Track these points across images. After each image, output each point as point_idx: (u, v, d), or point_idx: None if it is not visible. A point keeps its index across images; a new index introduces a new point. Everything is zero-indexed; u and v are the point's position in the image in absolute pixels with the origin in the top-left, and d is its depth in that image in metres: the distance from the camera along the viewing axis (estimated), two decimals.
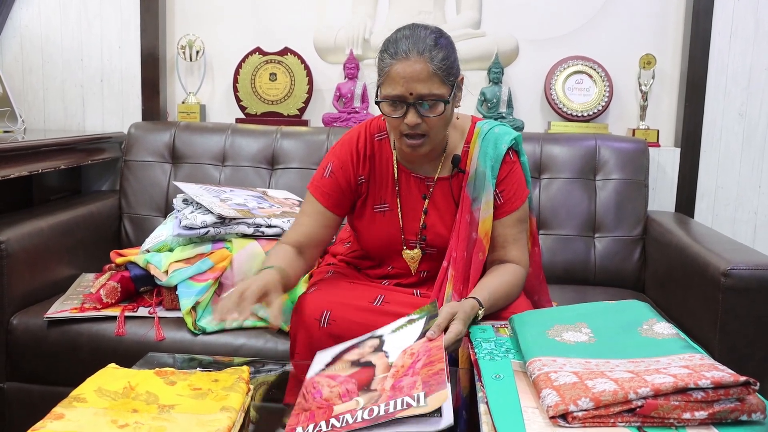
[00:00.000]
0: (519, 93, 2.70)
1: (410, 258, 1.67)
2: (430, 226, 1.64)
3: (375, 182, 1.66)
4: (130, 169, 2.53)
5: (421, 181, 1.65)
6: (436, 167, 1.64)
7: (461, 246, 1.59)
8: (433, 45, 1.47)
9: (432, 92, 1.46)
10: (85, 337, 1.86)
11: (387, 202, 1.66)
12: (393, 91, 1.47)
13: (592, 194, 2.37)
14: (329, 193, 1.64)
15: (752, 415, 0.97)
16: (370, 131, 1.67)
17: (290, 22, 2.76)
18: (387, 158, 1.65)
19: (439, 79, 1.47)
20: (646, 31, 2.63)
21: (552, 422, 0.98)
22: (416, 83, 1.45)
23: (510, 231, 1.62)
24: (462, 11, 2.71)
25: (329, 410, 1.13)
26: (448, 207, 1.64)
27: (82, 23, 2.80)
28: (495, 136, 1.62)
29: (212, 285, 1.88)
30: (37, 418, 1.05)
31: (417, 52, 1.45)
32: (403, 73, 1.45)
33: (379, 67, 1.51)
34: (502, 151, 1.60)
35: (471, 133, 1.64)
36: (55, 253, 2.11)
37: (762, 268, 1.70)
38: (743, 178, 2.62)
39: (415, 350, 1.24)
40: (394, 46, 1.48)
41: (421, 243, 1.65)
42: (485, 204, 1.59)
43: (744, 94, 2.58)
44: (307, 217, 1.65)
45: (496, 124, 1.65)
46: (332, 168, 1.65)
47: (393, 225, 1.65)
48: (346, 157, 1.65)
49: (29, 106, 2.85)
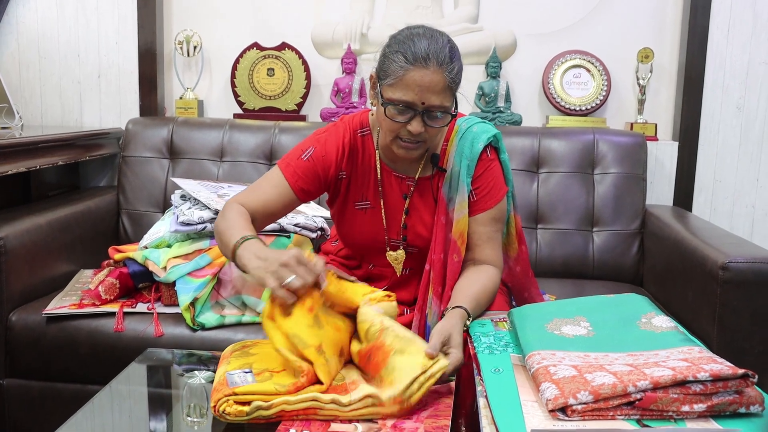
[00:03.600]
0: (517, 87, 2.70)
1: (394, 259, 1.64)
2: (410, 226, 1.61)
3: (357, 179, 1.62)
4: (128, 165, 2.52)
5: (402, 181, 1.61)
6: (416, 167, 1.60)
7: (438, 248, 1.57)
8: (450, 56, 1.43)
9: (443, 104, 1.43)
10: (84, 333, 1.86)
11: (369, 199, 1.62)
12: (405, 97, 1.41)
13: (590, 188, 2.37)
14: (301, 176, 1.57)
15: (751, 407, 0.97)
16: (353, 126, 1.63)
17: (288, 17, 2.75)
18: (369, 155, 1.62)
19: (451, 92, 1.44)
20: (644, 25, 2.63)
21: (551, 415, 0.98)
22: (431, 94, 1.41)
23: (484, 229, 1.57)
24: (460, 6, 2.71)
25: (326, 426, 1.14)
26: (428, 207, 1.61)
27: (79, 19, 2.79)
28: (472, 135, 1.58)
29: (210, 281, 1.88)
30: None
31: (437, 63, 1.40)
32: (420, 82, 1.40)
33: (390, 66, 1.43)
34: (478, 149, 1.56)
35: (450, 131, 1.60)
36: (54, 249, 2.11)
37: (760, 262, 1.70)
38: (741, 172, 2.62)
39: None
40: (411, 49, 1.41)
41: (402, 243, 1.63)
42: (459, 204, 1.55)
43: (742, 88, 2.58)
44: (271, 188, 1.57)
45: (476, 122, 1.61)
46: (313, 154, 1.58)
47: (376, 224, 1.62)
48: (331, 149, 1.59)
49: (26, 103, 2.84)
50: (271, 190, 1.57)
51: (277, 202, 1.57)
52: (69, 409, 1.26)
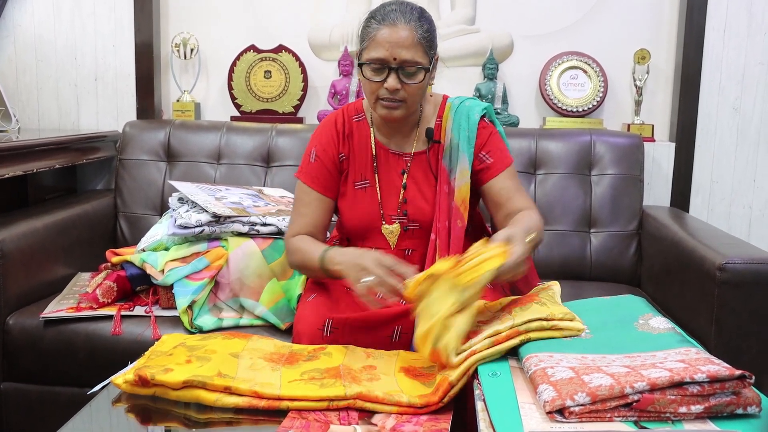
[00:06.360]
0: (514, 89, 2.70)
1: (389, 233, 1.68)
2: (410, 200, 1.67)
3: (355, 159, 1.70)
4: (125, 168, 2.52)
5: (399, 157, 1.69)
6: (411, 142, 1.70)
7: (442, 216, 1.64)
8: (419, 16, 1.54)
9: (415, 59, 1.52)
10: (82, 336, 1.86)
11: (367, 178, 1.70)
12: (377, 55, 1.52)
13: (587, 189, 2.38)
14: (319, 176, 1.68)
15: (748, 408, 0.97)
16: (348, 113, 1.73)
17: (285, 20, 2.75)
18: (365, 136, 1.70)
19: (423, 48, 1.53)
20: (641, 27, 2.63)
21: (549, 417, 0.98)
22: (401, 49, 1.51)
23: (509, 183, 1.65)
24: (457, 7, 2.71)
25: (326, 426, 1.14)
26: (427, 180, 1.68)
27: (75, 22, 2.79)
28: (467, 108, 1.68)
29: (208, 284, 1.88)
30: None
31: (404, 20, 1.52)
32: (389, 38, 1.51)
33: (364, 32, 1.56)
34: (475, 120, 1.65)
35: (443, 108, 1.70)
36: (51, 252, 2.10)
37: (757, 262, 1.71)
38: (738, 173, 2.63)
39: None
40: (381, 13, 1.54)
41: (402, 219, 1.67)
42: (460, 173, 1.64)
43: (738, 88, 2.59)
44: (307, 205, 1.68)
45: (466, 99, 1.71)
46: (316, 152, 1.69)
47: (372, 201, 1.68)
48: (326, 139, 1.70)
49: (23, 106, 2.84)
50: (307, 208, 1.68)
51: (320, 214, 1.68)
52: (66, 413, 1.26)
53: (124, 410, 1.25)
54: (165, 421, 1.24)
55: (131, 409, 1.26)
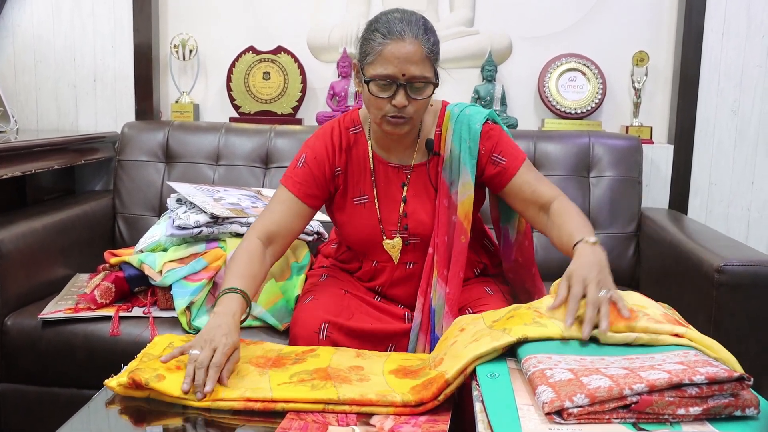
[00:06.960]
0: (512, 91, 2.70)
1: (391, 247, 1.65)
2: (410, 213, 1.64)
3: (353, 174, 1.65)
4: (123, 169, 2.52)
5: (398, 170, 1.65)
6: (411, 154, 1.65)
7: (441, 231, 1.60)
8: (425, 29, 1.49)
9: (424, 75, 1.48)
10: (80, 337, 1.86)
11: (366, 193, 1.66)
12: (385, 71, 1.46)
13: (585, 191, 2.38)
14: (301, 182, 1.61)
15: (746, 410, 0.98)
16: (345, 125, 1.67)
17: (284, 21, 2.75)
18: (363, 150, 1.65)
19: (430, 62, 1.49)
20: (639, 29, 2.64)
21: (547, 419, 0.98)
22: (410, 65, 1.45)
23: (530, 176, 1.62)
24: (455, 9, 2.72)
25: (324, 428, 1.14)
26: (428, 193, 1.64)
27: (74, 23, 2.79)
28: (467, 118, 1.62)
29: (207, 284, 1.88)
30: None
31: (412, 34, 1.46)
32: (397, 54, 1.45)
33: (368, 46, 1.49)
34: (477, 129, 1.60)
35: (442, 117, 1.65)
36: (49, 253, 2.10)
37: (755, 264, 1.71)
38: (736, 175, 2.63)
39: None
40: (386, 27, 1.47)
41: (402, 233, 1.64)
42: (462, 186, 1.59)
43: (737, 90, 2.59)
44: (279, 204, 1.61)
45: (466, 106, 1.66)
46: (306, 159, 1.63)
47: (372, 217, 1.65)
48: (321, 149, 1.63)
49: (22, 107, 2.84)
50: (279, 207, 1.61)
51: (289, 217, 1.60)
52: (65, 414, 1.26)
53: (120, 411, 1.25)
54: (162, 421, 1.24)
55: (127, 410, 1.26)
